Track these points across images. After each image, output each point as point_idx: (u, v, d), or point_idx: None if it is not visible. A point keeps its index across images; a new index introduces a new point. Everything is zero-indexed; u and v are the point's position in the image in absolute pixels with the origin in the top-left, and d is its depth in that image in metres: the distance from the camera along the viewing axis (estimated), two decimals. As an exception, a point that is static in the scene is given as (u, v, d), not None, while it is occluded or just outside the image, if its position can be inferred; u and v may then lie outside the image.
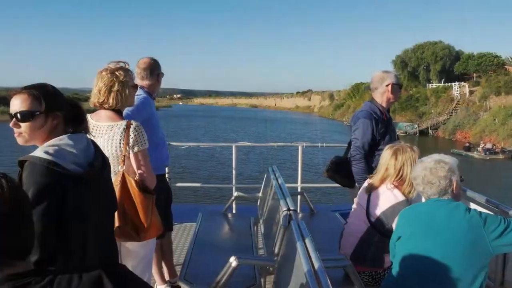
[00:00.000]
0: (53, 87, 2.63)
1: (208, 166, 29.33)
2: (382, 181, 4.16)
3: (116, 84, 3.51)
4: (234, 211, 7.45)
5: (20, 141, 2.58)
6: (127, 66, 3.65)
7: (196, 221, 6.05)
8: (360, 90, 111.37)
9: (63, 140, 2.53)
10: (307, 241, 3.09)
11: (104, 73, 3.53)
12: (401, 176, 4.08)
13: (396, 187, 4.08)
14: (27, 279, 1.52)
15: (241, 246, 5.18)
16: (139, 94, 4.48)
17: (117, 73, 3.53)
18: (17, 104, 2.51)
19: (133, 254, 3.64)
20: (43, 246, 2.27)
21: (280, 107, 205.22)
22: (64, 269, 1.58)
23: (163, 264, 5.20)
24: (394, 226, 3.77)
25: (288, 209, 3.88)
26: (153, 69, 4.81)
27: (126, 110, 3.91)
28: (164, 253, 5.19)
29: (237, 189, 7.74)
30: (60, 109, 2.60)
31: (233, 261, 3.66)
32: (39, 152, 2.42)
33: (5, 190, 1.51)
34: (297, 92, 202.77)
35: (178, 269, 5.34)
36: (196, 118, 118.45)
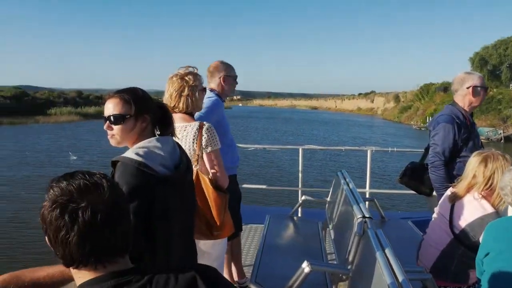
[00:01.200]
0: (142, 90, 2.80)
1: (273, 169, 29.43)
2: (468, 190, 3.92)
3: (186, 88, 3.70)
4: (299, 215, 7.47)
5: (112, 142, 2.75)
6: (195, 71, 3.81)
7: (264, 223, 6.11)
8: (429, 91, 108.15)
9: (151, 142, 2.68)
10: (388, 251, 3.04)
11: (174, 78, 3.72)
12: (490, 185, 3.81)
13: (484, 197, 3.82)
14: (128, 277, 1.59)
15: (311, 251, 5.18)
16: (210, 96, 4.63)
17: (186, 78, 3.71)
18: (110, 108, 2.69)
19: (207, 255, 3.74)
20: (133, 245, 2.38)
21: (341, 109, 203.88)
22: (161, 268, 1.66)
23: (232, 264, 5.31)
24: (481, 239, 3.50)
25: (363, 216, 3.86)
26: (217, 72, 4.93)
27: (198, 112, 4.05)
28: (234, 253, 5.30)
29: (303, 193, 7.75)
30: (148, 112, 2.76)
31: (305, 266, 3.66)
32: (130, 154, 2.57)
33: (105, 190, 1.62)
34: (359, 94, 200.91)
35: (245, 270, 5.44)
36: (255, 119, 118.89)
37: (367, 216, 3.86)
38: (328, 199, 6.38)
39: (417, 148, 7.75)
